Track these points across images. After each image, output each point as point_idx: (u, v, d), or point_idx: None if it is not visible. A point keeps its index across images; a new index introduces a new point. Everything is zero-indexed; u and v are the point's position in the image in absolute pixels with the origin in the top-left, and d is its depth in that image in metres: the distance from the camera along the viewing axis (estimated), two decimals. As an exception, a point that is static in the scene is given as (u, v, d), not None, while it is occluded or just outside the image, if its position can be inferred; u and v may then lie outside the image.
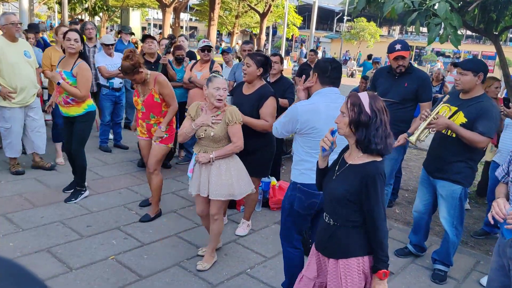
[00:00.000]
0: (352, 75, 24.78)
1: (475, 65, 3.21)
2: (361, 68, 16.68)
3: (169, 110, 3.95)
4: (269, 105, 3.65)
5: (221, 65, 5.90)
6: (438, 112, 3.20)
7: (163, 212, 4.21)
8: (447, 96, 3.31)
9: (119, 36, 7.50)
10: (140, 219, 4.03)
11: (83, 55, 4.22)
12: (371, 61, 16.50)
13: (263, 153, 3.81)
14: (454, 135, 3.24)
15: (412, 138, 3.25)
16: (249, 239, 3.88)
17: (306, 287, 2.31)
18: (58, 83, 4.05)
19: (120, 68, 3.83)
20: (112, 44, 5.80)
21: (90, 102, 4.32)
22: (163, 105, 3.94)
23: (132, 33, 7.27)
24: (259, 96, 3.66)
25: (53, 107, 4.66)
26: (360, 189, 1.98)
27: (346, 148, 2.18)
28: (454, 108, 3.24)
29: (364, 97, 2.01)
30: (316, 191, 2.59)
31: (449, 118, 3.27)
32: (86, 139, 4.44)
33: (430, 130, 3.20)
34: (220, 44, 24.92)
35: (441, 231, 4.27)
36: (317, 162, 2.22)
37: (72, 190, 4.42)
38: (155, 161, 3.97)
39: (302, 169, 2.66)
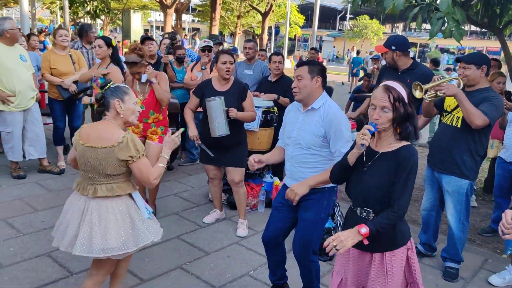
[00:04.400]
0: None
1: (477, 58, 3.22)
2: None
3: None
4: (250, 96, 3.86)
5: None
6: (451, 81, 3.22)
7: (165, 214, 4.19)
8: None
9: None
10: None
11: (114, 58, 4.36)
12: (360, 56, 17.46)
13: (244, 146, 3.95)
14: (459, 125, 3.21)
15: (417, 92, 3.19)
16: (252, 240, 3.83)
17: (335, 282, 2.28)
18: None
19: (126, 60, 3.76)
20: None
21: None
22: None
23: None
24: (240, 89, 3.80)
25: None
26: (395, 174, 1.96)
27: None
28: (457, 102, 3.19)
29: (401, 89, 2.00)
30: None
31: (453, 109, 3.25)
32: None
33: (439, 92, 3.14)
34: (222, 44, 24.88)
35: (447, 229, 4.20)
36: (347, 159, 2.13)
37: None
38: (155, 162, 3.98)
39: None
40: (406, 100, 1.97)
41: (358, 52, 18.81)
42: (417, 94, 3.17)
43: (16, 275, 3.03)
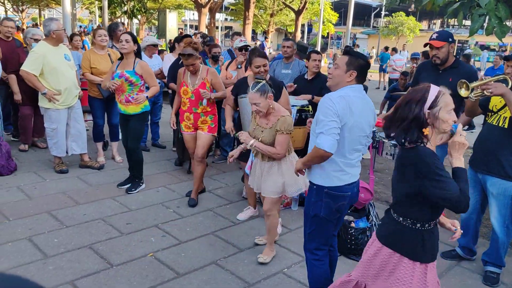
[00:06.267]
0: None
1: None
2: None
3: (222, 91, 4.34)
4: (285, 93, 3.92)
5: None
6: (497, 80, 3.10)
7: (199, 210, 4.26)
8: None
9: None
10: (189, 204, 4.37)
11: (138, 55, 4.49)
12: (388, 52, 17.22)
13: None
14: (506, 126, 3.12)
15: (462, 91, 3.09)
16: (286, 238, 3.84)
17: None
18: (147, 97, 4.43)
19: (182, 53, 4.11)
20: (156, 45, 5.95)
21: (147, 102, 4.57)
22: None
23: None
24: (275, 87, 3.80)
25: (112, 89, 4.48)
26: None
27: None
28: (503, 101, 3.08)
29: None
30: (344, 193, 2.49)
31: (499, 109, 3.15)
32: (142, 136, 4.80)
33: (486, 91, 3.03)
34: (255, 43, 24.95)
35: (489, 233, 4.06)
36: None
37: (128, 185, 4.72)
38: (204, 151, 4.36)
39: (331, 171, 2.45)
40: None
41: (386, 48, 18.61)
42: (463, 92, 3.06)
43: (60, 265, 3.16)
